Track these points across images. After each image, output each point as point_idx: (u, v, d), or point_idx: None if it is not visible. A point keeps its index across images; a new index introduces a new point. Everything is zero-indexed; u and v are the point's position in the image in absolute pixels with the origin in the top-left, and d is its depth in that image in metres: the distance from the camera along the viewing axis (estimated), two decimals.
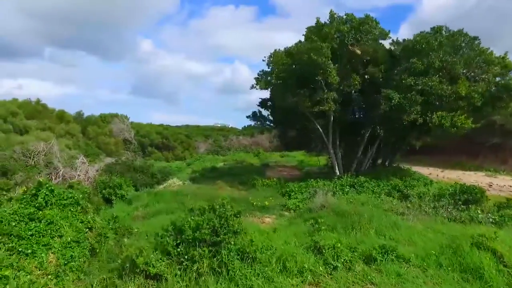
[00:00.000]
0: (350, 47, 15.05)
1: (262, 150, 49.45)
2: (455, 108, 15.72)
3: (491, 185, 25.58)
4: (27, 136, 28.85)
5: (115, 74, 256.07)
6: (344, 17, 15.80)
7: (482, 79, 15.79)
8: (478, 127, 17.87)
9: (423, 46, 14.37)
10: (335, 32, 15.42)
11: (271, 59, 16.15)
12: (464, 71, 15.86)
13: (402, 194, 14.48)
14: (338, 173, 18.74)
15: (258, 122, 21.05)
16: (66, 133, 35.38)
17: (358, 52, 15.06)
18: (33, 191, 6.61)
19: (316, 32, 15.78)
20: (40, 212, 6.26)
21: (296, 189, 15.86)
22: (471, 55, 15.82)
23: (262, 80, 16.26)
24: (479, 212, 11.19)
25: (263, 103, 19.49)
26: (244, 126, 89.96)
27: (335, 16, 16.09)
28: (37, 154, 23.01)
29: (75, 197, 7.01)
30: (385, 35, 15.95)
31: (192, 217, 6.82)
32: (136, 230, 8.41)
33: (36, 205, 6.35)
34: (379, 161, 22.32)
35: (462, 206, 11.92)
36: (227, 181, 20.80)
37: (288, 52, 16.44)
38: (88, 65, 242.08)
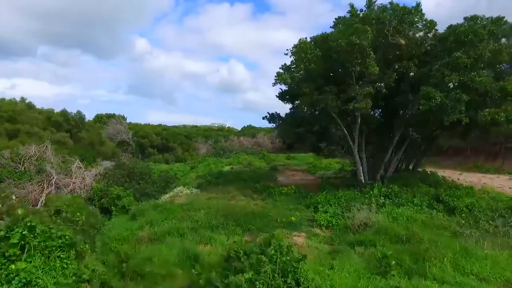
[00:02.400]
0: (391, 37, 13.07)
1: (265, 151, 47.57)
2: (500, 106, 13.84)
3: None
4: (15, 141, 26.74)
5: (111, 73, 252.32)
6: (388, 5, 13.85)
7: None
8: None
9: (469, 37, 12.45)
10: (374, 19, 13.45)
11: (296, 48, 14.08)
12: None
13: (447, 206, 12.62)
14: (363, 180, 16.82)
15: (275, 124, 18.99)
16: (60, 137, 33.23)
17: (403, 42, 13.10)
18: (3, 232, 4.59)
19: (349, 19, 13.87)
20: (13, 265, 4.24)
21: (322, 200, 13.92)
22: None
23: (284, 75, 14.20)
24: None
25: (283, 95, 17.32)
26: (244, 126, 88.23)
27: (373, 0, 14.15)
28: (28, 159, 20.92)
29: (68, 237, 5.00)
30: (431, 28, 13.98)
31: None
32: (148, 270, 6.41)
33: (7, 254, 4.33)
34: (400, 164, 20.41)
35: None
36: (238, 188, 18.83)
37: (316, 40, 14.43)
38: (83, 64, 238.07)
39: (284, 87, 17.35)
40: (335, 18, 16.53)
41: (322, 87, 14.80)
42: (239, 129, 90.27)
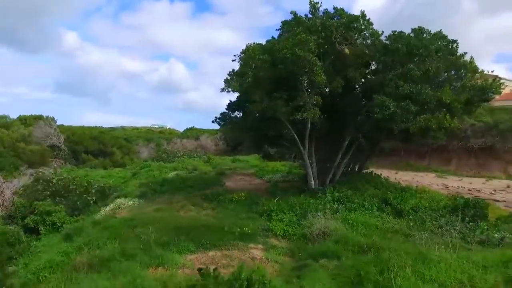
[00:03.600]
0: (338, 45, 13.21)
1: (211, 154, 46.61)
2: (434, 113, 14.84)
3: (447, 187, 26.17)
4: None
5: (36, 69, 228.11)
6: (332, 11, 13.99)
7: (462, 85, 15.15)
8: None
9: (420, 50, 13.11)
10: (320, 26, 13.48)
11: (245, 55, 13.62)
12: (446, 76, 15.09)
13: (395, 209, 13.13)
14: (313, 185, 16.92)
15: (225, 126, 18.29)
16: None
17: (347, 51, 13.31)
18: None
19: (294, 26, 13.76)
20: None
21: (275, 207, 13.61)
22: (452, 60, 15.10)
23: (232, 82, 13.64)
24: (494, 232, 10.09)
25: (232, 106, 16.82)
26: (187, 128, 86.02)
27: (317, 6, 14.19)
28: None
29: None
30: (377, 37, 14.43)
31: None
32: None
33: None
34: (346, 168, 21.08)
35: (470, 223, 10.79)
36: (186, 196, 17.82)
37: (264, 47, 14.09)
38: (1, 58, 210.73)
39: (233, 97, 16.93)
40: (282, 22, 16.41)
41: (272, 93, 14.57)
42: (181, 130, 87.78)
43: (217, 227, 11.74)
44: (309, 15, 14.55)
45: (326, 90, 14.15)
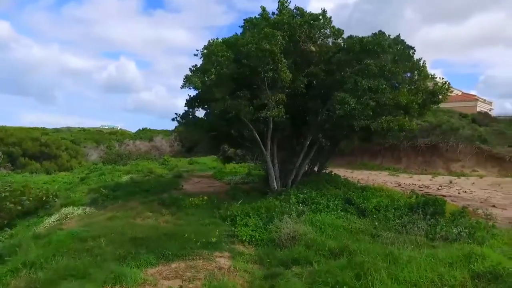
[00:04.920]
0: (302, 44, 13.02)
1: (167, 156, 44.89)
2: (393, 114, 15.29)
3: (399, 184, 27.46)
4: None
5: None
6: (295, 10, 13.74)
7: (416, 88, 15.77)
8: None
9: (375, 47, 13.33)
10: (286, 24, 13.21)
11: (207, 50, 12.93)
12: (401, 79, 15.59)
13: (358, 209, 13.22)
14: (275, 187, 16.65)
15: (190, 126, 17.32)
16: None
17: (313, 49, 13.17)
18: None
19: (260, 21, 13.34)
20: None
21: (239, 211, 13.06)
22: (408, 65, 15.65)
23: (193, 78, 12.87)
24: (452, 227, 10.44)
25: (192, 102, 15.91)
26: (139, 129, 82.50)
27: (286, 5, 13.91)
28: None
29: None
30: (339, 35, 14.47)
31: None
32: None
33: None
34: (307, 168, 21.17)
35: (431, 220, 11.10)
36: (142, 202, 16.63)
37: (228, 42, 13.49)
38: None
39: (192, 93, 16.06)
40: (244, 20, 16.02)
41: (235, 92, 14.06)
42: (134, 131, 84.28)
43: (179, 235, 10.90)
44: (276, 12, 14.25)
45: (287, 90, 13.94)
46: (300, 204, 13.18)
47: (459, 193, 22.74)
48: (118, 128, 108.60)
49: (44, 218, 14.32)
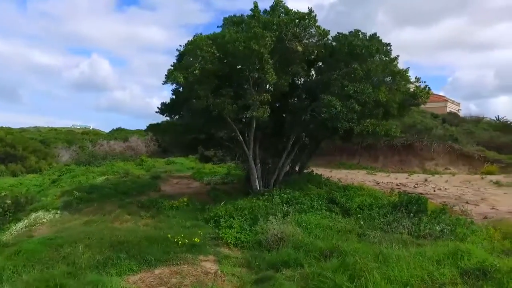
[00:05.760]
0: (288, 42, 12.83)
1: (144, 156, 43.65)
2: (375, 115, 15.40)
3: (378, 183, 27.91)
4: None
5: None
6: (281, 9, 13.50)
7: (396, 88, 15.97)
8: None
9: (362, 51, 13.36)
10: (276, 24, 12.94)
11: (191, 45, 12.47)
12: (382, 78, 15.74)
13: (342, 208, 13.22)
14: (258, 187, 16.41)
15: (175, 117, 16.67)
16: None
17: (300, 49, 13.02)
18: None
19: (250, 19, 13.03)
20: None
21: (222, 212, 12.74)
22: (386, 62, 15.81)
23: (176, 74, 12.38)
24: (435, 225, 10.58)
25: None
26: (113, 129, 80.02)
27: (281, 4, 13.61)
28: None
29: None
30: (324, 35, 14.39)
31: None
32: None
33: None
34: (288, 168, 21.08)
35: (414, 218, 11.22)
36: (120, 204, 15.96)
37: (213, 38, 13.09)
38: None
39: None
40: (224, 18, 15.66)
41: (218, 89, 13.70)
42: (107, 131, 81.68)
43: (160, 238, 10.46)
44: (268, 10, 13.97)
45: (271, 89, 13.75)
46: (285, 205, 13.03)
47: (434, 191, 23.37)
48: (91, 128, 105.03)
49: (10, 224, 13.34)
